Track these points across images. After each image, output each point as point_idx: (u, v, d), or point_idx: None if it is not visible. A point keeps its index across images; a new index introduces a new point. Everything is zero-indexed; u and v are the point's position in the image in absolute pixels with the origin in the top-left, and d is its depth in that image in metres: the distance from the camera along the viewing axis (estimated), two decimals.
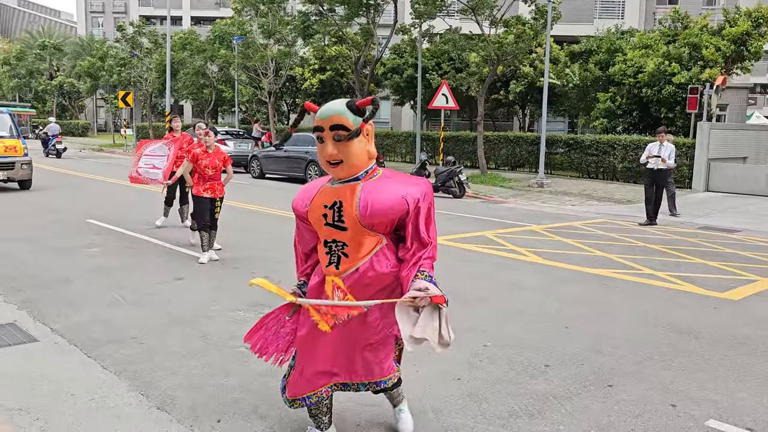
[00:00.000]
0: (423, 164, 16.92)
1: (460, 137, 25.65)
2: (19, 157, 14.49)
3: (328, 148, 2.83)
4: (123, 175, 19.38)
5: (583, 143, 21.63)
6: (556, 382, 4.44)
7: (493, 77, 21.76)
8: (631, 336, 5.52)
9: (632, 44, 23.38)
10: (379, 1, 23.11)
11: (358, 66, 24.72)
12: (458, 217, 12.73)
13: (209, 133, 7.90)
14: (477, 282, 7.32)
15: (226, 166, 8.11)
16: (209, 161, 7.80)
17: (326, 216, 2.95)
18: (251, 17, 28.12)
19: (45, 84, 47.58)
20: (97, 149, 33.59)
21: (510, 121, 33.93)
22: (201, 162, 7.81)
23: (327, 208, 2.94)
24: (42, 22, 78.10)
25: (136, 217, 11.25)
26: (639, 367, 4.77)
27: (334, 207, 2.93)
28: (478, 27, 20.43)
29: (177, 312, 5.84)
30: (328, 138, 2.82)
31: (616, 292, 7.01)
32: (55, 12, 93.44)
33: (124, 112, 35.90)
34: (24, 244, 8.73)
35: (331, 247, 2.99)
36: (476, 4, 19.47)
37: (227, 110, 39.85)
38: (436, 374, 4.52)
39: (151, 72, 35.22)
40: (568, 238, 10.42)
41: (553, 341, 5.31)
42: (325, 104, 2.87)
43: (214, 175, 7.85)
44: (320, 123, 2.83)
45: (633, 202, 15.66)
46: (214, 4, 53.49)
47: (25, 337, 5.04)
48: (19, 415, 3.74)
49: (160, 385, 4.20)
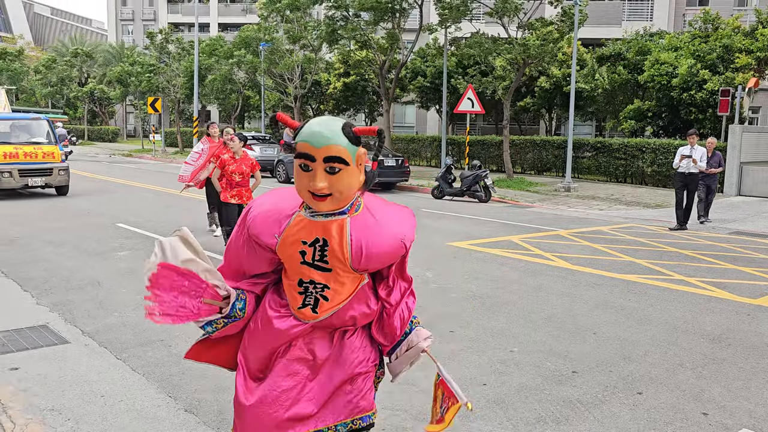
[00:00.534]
0: (448, 168, 16.87)
1: (485, 141, 25.54)
2: (56, 163, 14.68)
3: (318, 181, 2.29)
4: (152, 180, 19.71)
5: (611, 147, 21.37)
6: (584, 388, 4.38)
7: (519, 81, 21.63)
8: (662, 342, 5.42)
9: (661, 46, 23.03)
10: (405, 6, 23.15)
11: (383, 70, 24.77)
12: (484, 221, 12.66)
13: (234, 139, 7.87)
14: (503, 287, 7.26)
15: (254, 171, 8.04)
16: (236, 167, 7.77)
17: (304, 254, 2.46)
18: (277, 23, 28.38)
19: (76, 91, 48.55)
20: (126, 155, 34.20)
21: (536, 125, 33.66)
22: (228, 168, 7.78)
23: (306, 245, 2.45)
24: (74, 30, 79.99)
25: (164, 221, 11.40)
26: (669, 375, 4.68)
27: (315, 245, 2.45)
28: (504, 30, 20.32)
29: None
30: (318, 168, 2.30)
31: (645, 298, 6.90)
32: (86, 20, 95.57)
33: (153, 118, 36.49)
34: (56, 247, 8.91)
35: (307, 288, 2.52)
36: (501, 7, 19.38)
37: (253, 115, 40.24)
38: (462, 379, 4.49)
39: (179, 78, 35.73)
40: (595, 243, 10.29)
41: (581, 347, 5.24)
42: (311, 124, 2.34)
43: (241, 181, 7.83)
44: (310, 151, 2.29)
45: (663, 206, 15.41)
46: (241, 11, 54.11)
47: (57, 338, 5.14)
48: (51, 415, 3.81)
49: (187, 388, 4.24)
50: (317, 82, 31.94)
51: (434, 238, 10.30)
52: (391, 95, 25.13)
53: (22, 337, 5.16)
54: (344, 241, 2.42)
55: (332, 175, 2.31)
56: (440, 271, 7.92)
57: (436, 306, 6.38)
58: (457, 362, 4.84)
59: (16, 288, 6.73)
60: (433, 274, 7.75)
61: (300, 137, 2.33)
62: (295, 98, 29.15)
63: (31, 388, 4.18)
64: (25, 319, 5.64)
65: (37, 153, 14.50)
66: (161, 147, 36.15)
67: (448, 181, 16.74)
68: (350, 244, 2.42)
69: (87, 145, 44.30)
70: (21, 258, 8.13)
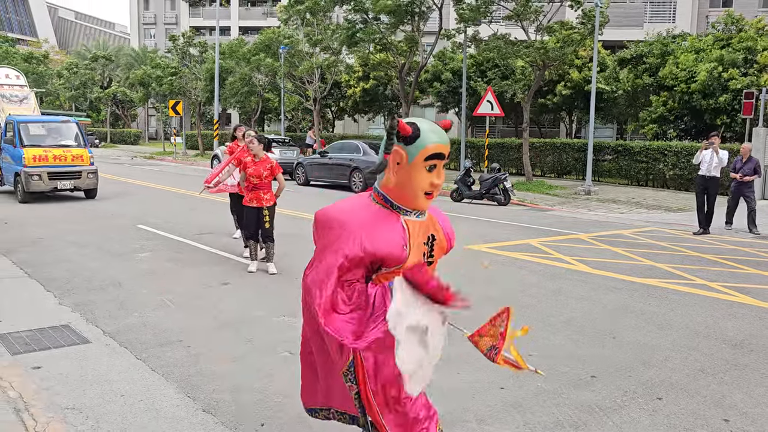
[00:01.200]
0: (467, 171, 16.81)
1: (505, 144, 25.43)
2: (85, 166, 14.61)
3: (442, 176, 2.59)
4: (173, 182, 19.92)
5: (633, 150, 21.14)
6: (602, 393, 4.35)
7: (539, 83, 21.51)
8: (682, 348, 5.35)
9: (684, 48, 22.74)
10: (424, 9, 23.15)
11: (402, 73, 24.78)
12: (503, 224, 12.60)
13: (253, 141, 7.74)
14: (521, 290, 7.23)
15: (275, 174, 7.83)
16: (254, 170, 7.65)
17: (425, 254, 2.71)
18: (297, 26, 28.52)
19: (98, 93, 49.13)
20: (148, 157, 34.58)
21: (556, 128, 33.44)
22: (248, 170, 7.68)
23: (425, 246, 2.69)
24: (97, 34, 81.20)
25: (184, 223, 11.51)
26: (690, 380, 4.62)
27: (429, 242, 2.71)
28: (523, 33, 20.23)
29: (223, 316, 5.95)
30: (441, 165, 2.56)
31: (665, 303, 6.81)
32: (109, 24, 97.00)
33: (174, 121, 36.84)
34: (79, 248, 9.04)
35: None
36: (521, 9, 19.30)
37: (273, 118, 40.46)
38: (480, 382, 4.48)
39: (200, 81, 36.04)
40: (615, 247, 10.19)
41: (600, 351, 5.20)
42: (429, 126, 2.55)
43: (259, 184, 7.68)
44: (444, 150, 2.53)
45: (685, 210, 15.22)
46: (262, 14, 54.46)
47: (78, 338, 5.22)
48: (71, 414, 3.86)
49: (206, 388, 4.28)
50: (337, 83, 32.00)
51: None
52: (410, 98, 25.12)
53: (44, 336, 5.25)
54: (440, 230, 2.75)
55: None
56: (458, 274, 7.88)
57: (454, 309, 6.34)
58: (474, 366, 4.81)
59: (40, 288, 6.85)
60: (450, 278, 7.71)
61: (433, 139, 2.50)
62: (314, 101, 29.27)
63: (52, 387, 4.25)
64: (47, 318, 5.73)
65: (66, 156, 14.47)
66: (182, 149, 36.50)
67: (467, 184, 16.69)
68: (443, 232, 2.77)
69: (109, 148, 44.92)
70: (44, 259, 8.27)
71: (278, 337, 5.33)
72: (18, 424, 3.70)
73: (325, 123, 35.11)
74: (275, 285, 7.19)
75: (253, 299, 6.58)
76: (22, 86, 18.71)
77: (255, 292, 6.89)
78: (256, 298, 6.60)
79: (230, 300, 6.55)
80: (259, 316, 5.96)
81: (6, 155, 14.90)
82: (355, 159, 18.62)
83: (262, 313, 6.08)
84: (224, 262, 8.40)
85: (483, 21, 20.71)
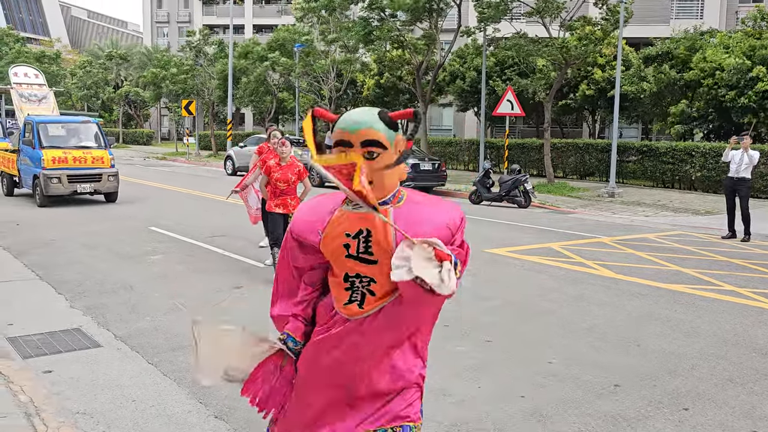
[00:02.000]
0: (487, 172, 16.63)
1: (525, 144, 25.18)
2: (105, 169, 14.01)
3: None
4: (185, 183, 20.01)
5: (658, 150, 20.77)
6: (626, 403, 4.23)
7: (561, 82, 21.23)
8: (710, 356, 5.18)
9: (712, 45, 22.27)
10: (443, 6, 22.97)
11: (419, 72, 24.63)
12: (523, 227, 12.43)
13: (285, 144, 7.32)
14: (542, 295, 7.07)
15: (302, 179, 7.46)
16: (281, 174, 7.25)
17: (348, 246, 2.45)
18: (312, 24, 28.46)
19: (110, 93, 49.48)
20: (160, 158, 34.69)
21: (579, 128, 33.08)
22: (273, 174, 7.28)
23: (350, 237, 2.43)
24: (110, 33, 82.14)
25: (196, 225, 11.48)
26: (718, 390, 4.47)
27: (359, 236, 2.43)
28: (545, 30, 19.97)
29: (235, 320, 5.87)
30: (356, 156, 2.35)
31: (692, 309, 6.62)
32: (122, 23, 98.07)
33: (187, 121, 36.79)
34: (90, 250, 9.06)
35: (353, 282, 2.49)
36: (543, 6, 19.04)
37: (288, 118, 40.46)
38: (499, 390, 4.37)
39: (213, 80, 36.16)
40: (640, 251, 9.97)
41: (624, 359, 5.05)
42: (347, 114, 2.43)
43: (286, 189, 7.31)
44: (346, 137, 2.32)
45: (713, 213, 14.89)
46: (276, 12, 54.48)
47: (89, 342, 5.20)
48: (82, 419, 3.83)
49: (218, 394, 4.21)
50: (353, 81, 31.87)
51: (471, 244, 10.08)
52: (427, 97, 24.95)
53: (55, 340, 5.23)
54: (388, 229, 2.41)
55: (371, 161, 2.33)
56: (477, 279, 7.76)
57: (473, 314, 6.24)
58: (493, 373, 4.70)
59: (51, 291, 6.85)
60: (469, 282, 7.59)
61: (336, 126, 2.37)
62: (329, 100, 29.23)
63: (63, 392, 4.21)
64: (58, 322, 5.72)
65: (87, 158, 13.89)
66: (195, 150, 36.52)
67: (487, 185, 16.51)
68: (394, 233, 2.39)
69: (122, 148, 45.10)
70: (56, 261, 8.28)
71: None
72: (29, 428, 3.67)
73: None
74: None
75: (265, 302, 6.45)
76: (41, 85, 18.42)
77: (267, 295, 6.77)
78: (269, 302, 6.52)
79: (243, 304, 6.49)
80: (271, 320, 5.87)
81: (24, 157, 14.32)
82: None
83: None
84: (237, 265, 8.36)
85: (504, 18, 20.48)
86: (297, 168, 7.40)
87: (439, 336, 5.48)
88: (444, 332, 5.64)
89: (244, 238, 10.09)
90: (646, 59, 24.14)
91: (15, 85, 18.03)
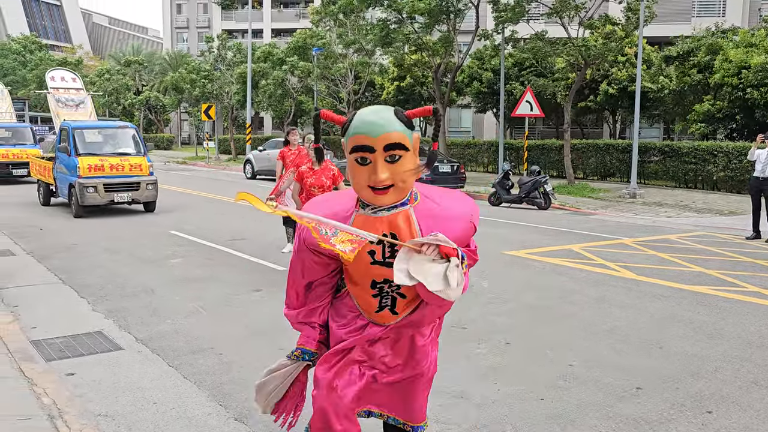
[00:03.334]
0: (506, 174, 16.54)
1: (545, 146, 24.99)
2: (144, 177, 13.22)
3: (380, 172, 2.24)
4: (205, 187, 20.15)
5: (680, 150, 20.48)
6: (648, 406, 4.17)
7: (581, 82, 21.05)
8: (734, 359, 5.09)
9: (735, 43, 21.92)
10: (461, 8, 22.91)
11: (438, 74, 24.58)
12: (543, 229, 12.33)
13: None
14: (563, 297, 7.01)
15: (337, 184, 7.08)
16: (315, 179, 6.89)
17: (374, 253, 2.37)
18: (330, 28, 28.55)
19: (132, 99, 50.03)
20: (180, 162, 34.91)
21: (599, 128, 32.76)
22: (306, 180, 6.93)
23: (374, 243, 2.34)
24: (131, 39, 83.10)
25: (216, 229, 11.55)
26: (742, 393, 4.40)
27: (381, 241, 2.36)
28: (563, 30, 19.82)
29: (254, 324, 5.92)
30: (379, 159, 2.24)
31: (716, 311, 6.51)
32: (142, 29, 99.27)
33: (207, 125, 37.07)
34: (112, 254, 9.15)
35: (381, 288, 2.43)
36: (561, 6, 18.89)
37: (307, 121, 40.63)
38: (519, 393, 4.34)
39: (233, 85, 36.41)
40: (662, 252, 9.83)
41: (646, 362, 4.98)
42: (362, 115, 2.30)
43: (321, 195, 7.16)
44: (368, 142, 2.23)
45: (737, 214, 14.65)
46: (294, 16, 54.75)
47: (111, 345, 5.25)
48: (104, 421, 3.87)
49: (238, 397, 4.23)
50: (371, 83, 31.86)
51: (490, 246, 10.07)
52: (446, 99, 24.90)
53: (78, 343, 5.29)
54: (413, 231, 2.36)
55: (393, 163, 2.26)
56: (496, 281, 7.72)
57: (492, 317, 6.20)
58: (512, 375, 4.67)
59: (74, 294, 6.94)
60: (489, 284, 7.56)
61: (353, 130, 2.27)
62: (348, 102, 29.28)
63: (86, 394, 4.26)
64: (81, 325, 5.78)
65: (124, 165, 13.09)
66: (215, 154, 36.71)
67: (506, 187, 16.42)
68: (420, 233, 2.35)
69: None
70: (78, 265, 8.38)
71: None
72: (52, 430, 3.72)
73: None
74: None
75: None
76: (78, 89, 17.91)
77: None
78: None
79: (262, 307, 6.52)
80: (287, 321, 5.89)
81: (60, 165, 13.55)
82: None
83: None
84: (257, 268, 8.38)
85: (522, 19, 20.37)
86: (331, 172, 7.02)
87: (458, 338, 5.48)
88: (463, 334, 5.62)
89: (264, 241, 10.14)
90: (667, 58, 23.85)
91: (51, 90, 17.50)
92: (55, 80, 17.98)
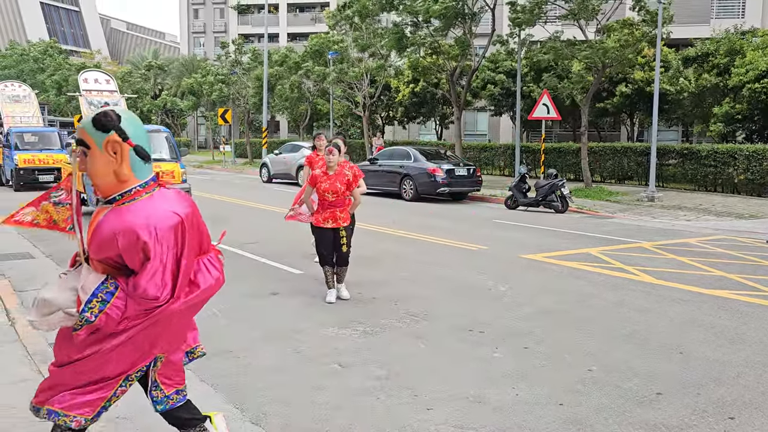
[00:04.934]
0: (523, 177, 16.46)
1: (562, 149, 24.84)
2: (176, 185, 11.99)
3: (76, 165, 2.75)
4: (220, 190, 20.24)
5: (699, 153, 20.25)
6: (669, 411, 4.11)
7: (597, 86, 20.90)
8: (756, 364, 5.00)
9: (755, 45, 21.63)
10: (476, 10, 22.86)
11: (453, 77, 24.54)
12: (560, 233, 12.24)
13: (333, 151, 6.61)
14: (580, 301, 6.94)
15: (351, 189, 6.76)
16: (329, 184, 6.59)
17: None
18: (345, 32, 28.63)
19: (149, 103, 50.48)
20: (197, 166, 35.10)
21: (617, 131, 32.49)
22: (320, 185, 6.63)
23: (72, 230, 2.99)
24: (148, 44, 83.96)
25: (231, 232, 11.51)
26: (765, 399, 4.32)
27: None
28: (581, 33, 19.69)
29: (271, 327, 5.92)
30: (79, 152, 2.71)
31: (737, 316, 6.41)
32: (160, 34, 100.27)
33: (223, 129, 37.32)
34: None
35: None
36: (578, 8, 18.76)
37: (322, 125, 40.80)
38: (537, 398, 4.30)
39: (249, 89, 36.58)
40: (681, 256, 9.72)
41: (666, 367, 4.91)
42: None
43: (335, 201, 6.62)
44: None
45: (757, 217, 14.45)
46: (310, 20, 55.09)
47: None
48: (122, 423, 3.88)
49: (254, 400, 4.24)
50: (387, 86, 31.88)
51: (507, 250, 10.02)
52: (462, 102, 24.84)
53: None
54: (91, 229, 2.64)
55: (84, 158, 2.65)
56: (513, 285, 7.67)
57: (509, 321, 6.16)
58: (530, 380, 4.62)
59: None
60: (506, 288, 7.51)
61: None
62: (363, 107, 29.32)
63: None
64: None
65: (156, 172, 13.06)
66: (231, 158, 36.92)
67: (523, 190, 16.34)
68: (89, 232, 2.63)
69: None
70: None
71: (327, 349, 5.26)
72: None
73: (374, 130, 35.14)
74: (323, 296, 7.12)
75: (301, 310, 6.54)
76: (112, 92, 17.24)
77: (303, 302, 6.84)
78: (305, 309, 6.55)
79: (278, 310, 6.53)
80: (307, 327, 5.90)
81: None
82: (406, 166, 18.46)
83: (311, 324, 6.02)
84: (272, 271, 8.41)
85: (538, 22, 20.27)
86: (346, 177, 6.68)
87: (475, 342, 5.45)
88: (480, 338, 5.59)
89: (279, 244, 10.17)
90: (686, 60, 23.61)
91: (84, 92, 16.85)
92: (88, 82, 17.24)
